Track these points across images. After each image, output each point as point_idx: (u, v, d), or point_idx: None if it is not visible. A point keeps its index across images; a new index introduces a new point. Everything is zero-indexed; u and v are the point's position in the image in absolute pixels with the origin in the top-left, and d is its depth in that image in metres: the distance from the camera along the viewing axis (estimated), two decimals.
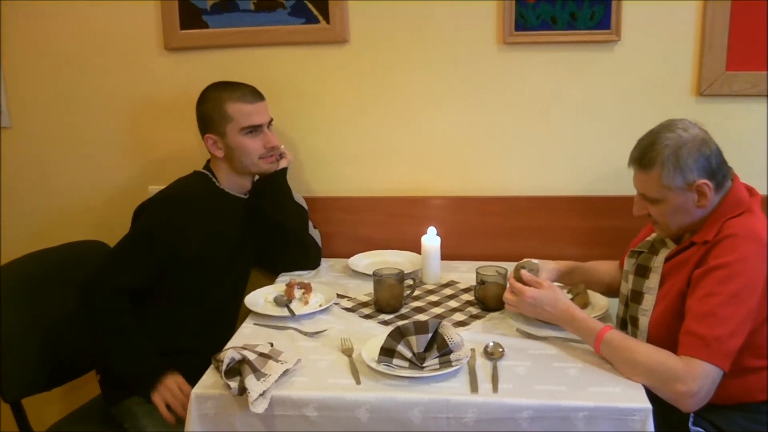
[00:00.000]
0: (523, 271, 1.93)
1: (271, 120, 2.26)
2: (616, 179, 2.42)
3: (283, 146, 2.30)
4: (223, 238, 2.19)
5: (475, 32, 2.42)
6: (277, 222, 2.32)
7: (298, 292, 2.09)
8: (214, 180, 2.24)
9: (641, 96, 2.40)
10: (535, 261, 1.99)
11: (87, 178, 2.67)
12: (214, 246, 2.15)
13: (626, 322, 1.94)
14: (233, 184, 2.26)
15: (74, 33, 2.55)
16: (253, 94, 2.21)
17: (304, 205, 2.43)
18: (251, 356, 1.68)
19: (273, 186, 2.29)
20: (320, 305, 2.08)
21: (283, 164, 2.30)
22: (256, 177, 2.31)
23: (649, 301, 1.85)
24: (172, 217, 2.08)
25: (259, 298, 2.14)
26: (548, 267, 2.05)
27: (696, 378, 1.61)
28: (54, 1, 2.53)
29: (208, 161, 2.28)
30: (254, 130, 2.19)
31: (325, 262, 2.50)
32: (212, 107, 2.18)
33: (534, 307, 1.88)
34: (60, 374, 2.20)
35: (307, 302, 2.08)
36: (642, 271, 1.90)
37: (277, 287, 2.20)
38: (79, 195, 2.69)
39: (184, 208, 2.11)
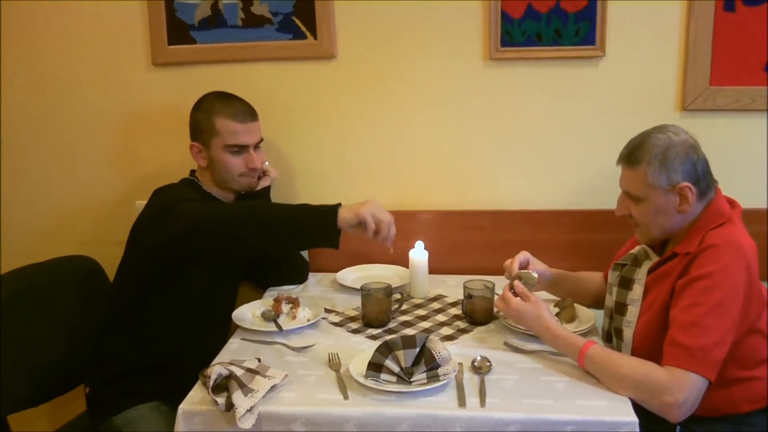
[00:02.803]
0: (516, 282, 1.94)
1: (261, 140, 2.25)
2: (602, 193, 2.43)
3: (267, 163, 2.29)
4: None
5: (462, 48, 2.44)
6: None
7: (285, 307, 2.08)
8: (202, 186, 2.23)
9: (626, 111, 2.43)
10: (534, 275, 1.98)
11: (74, 193, 2.66)
12: None
13: (611, 335, 1.95)
14: (217, 193, 2.25)
15: (61, 48, 2.55)
16: (246, 114, 2.19)
17: None
18: (238, 372, 1.67)
19: None
20: (308, 320, 2.08)
21: (264, 183, 2.29)
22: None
23: (632, 312, 1.87)
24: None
25: (247, 313, 2.14)
26: (541, 267, 2.07)
27: (682, 389, 1.61)
28: (41, 15, 2.53)
29: (193, 171, 2.28)
30: (239, 149, 2.18)
31: (312, 277, 2.50)
32: (203, 117, 2.18)
33: (518, 319, 1.91)
34: (46, 390, 2.18)
35: (294, 317, 2.07)
36: (625, 283, 1.92)
37: (265, 302, 2.19)
38: (66, 210, 2.68)
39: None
